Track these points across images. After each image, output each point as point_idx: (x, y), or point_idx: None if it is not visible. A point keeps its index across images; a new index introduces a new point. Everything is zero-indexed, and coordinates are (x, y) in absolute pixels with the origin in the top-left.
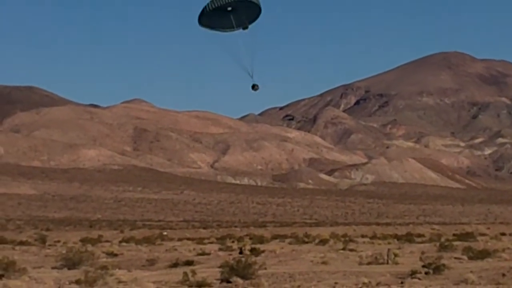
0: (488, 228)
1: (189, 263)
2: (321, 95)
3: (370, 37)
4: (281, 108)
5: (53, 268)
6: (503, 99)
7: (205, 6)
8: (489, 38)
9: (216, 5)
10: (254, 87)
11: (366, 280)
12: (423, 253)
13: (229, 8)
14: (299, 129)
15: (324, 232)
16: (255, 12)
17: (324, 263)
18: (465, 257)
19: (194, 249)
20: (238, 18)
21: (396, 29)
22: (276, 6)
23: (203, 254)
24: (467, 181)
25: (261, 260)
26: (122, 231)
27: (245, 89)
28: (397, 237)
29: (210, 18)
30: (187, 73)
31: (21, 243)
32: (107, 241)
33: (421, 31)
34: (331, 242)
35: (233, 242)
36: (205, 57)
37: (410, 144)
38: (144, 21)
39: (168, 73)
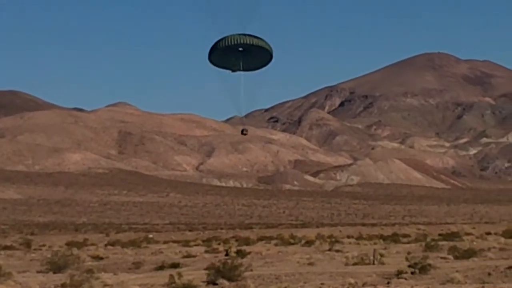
0: (474, 228)
1: (175, 265)
2: (305, 97)
3: (354, 38)
4: (266, 110)
5: (38, 272)
6: (487, 99)
7: (217, 43)
8: (473, 39)
9: (228, 44)
10: (243, 131)
11: (352, 281)
12: (409, 253)
13: (240, 49)
14: (284, 131)
15: (310, 233)
16: (265, 59)
17: (310, 264)
18: (451, 257)
19: (180, 251)
20: (247, 61)
21: (380, 30)
22: (261, 7)
23: (189, 256)
24: (452, 181)
25: (247, 262)
26: (107, 235)
27: (230, 91)
28: (383, 237)
29: (220, 56)
30: (172, 76)
31: (6, 247)
32: (92, 244)
33: (405, 32)
34: (317, 243)
35: (219, 244)
36: (189, 59)
37: (395, 145)
38: (128, 24)
39: (152, 76)
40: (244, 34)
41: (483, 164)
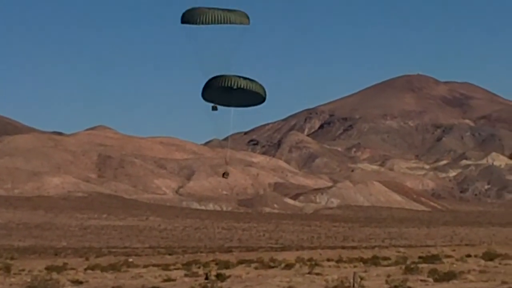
0: (454, 250)
1: None
2: (285, 119)
3: (333, 61)
4: (245, 133)
5: None
6: (467, 121)
7: (213, 81)
8: (452, 61)
9: (225, 84)
10: (224, 175)
11: None
12: (389, 276)
13: (235, 87)
14: (263, 153)
15: (290, 256)
16: (257, 100)
17: (290, 287)
18: (430, 280)
19: (160, 275)
20: (239, 99)
21: (359, 53)
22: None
23: (169, 280)
24: (432, 203)
25: (227, 285)
26: (87, 259)
27: (209, 114)
28: (363, 260)
29: (213, 93)
30: (151, 99)
31: None
32: (72, 268)
33: (384, 54)
34: (297, 266)
35: (199, 267)
36: (169, 83)
37: (375, 167)
38: (107, 47)
39: (131, 99)
40: (239, 77)
41: (463, 186)
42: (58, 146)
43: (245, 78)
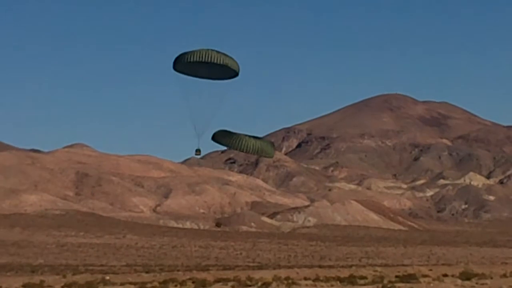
0: (430, 270)
1: None
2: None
3: (311, 79)
4: (222, 152)
5: None
6: (444, 140)
7: (183, 56)
8: (430, 80)
9: (196, 59)
10: (197, 151)
11: None
12: None
13: (208, 61)
14: (241, 172)
15: (267, 275)
16: (228, 73)
17: None
18: None
19: None
20: (211, 71)
21: (336, 72)
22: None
23: None
24: (409, 222)
25: None
26: (64, 276)
27: (187, 132)
28: (339, 279)
29: (185, 65)
30: (129, 117)
31: None
32: (49, 286)
33: (361, 74)
34: (274, 285)
35: (175, 286)
36: (146, 101)
37: (352, 186)
38: (85, 64)
39: (109, 117)
40: (212, 50)
41: (440, 205)
42: (35, 164)
43: (218, 52)
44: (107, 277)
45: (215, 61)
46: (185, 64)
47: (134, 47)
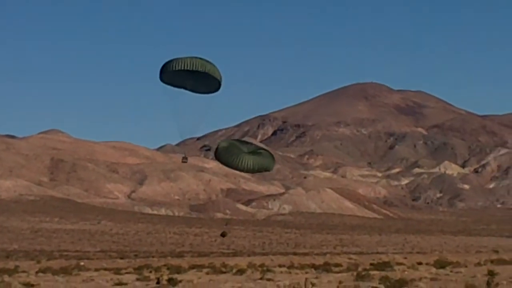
0: (405, 258)
1: None
2: (238, 125)
3: (287, 67)
4: (198, 139)
5: None
6: (420, 129)
7: (169, 65)
8: (405, 69)
9: (181, 67)
10: (184, 159)
11: None
12: (340, 282)
13: (195, 69)
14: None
15: (242, 262)
16: (214, 85)
17: None
18: (382, 287)
19: (111, 279)
20: (197, 83)
21: (313, 60)
22: (192, 37)
23: (120, 284)
24: (384, 211)
25: None
26: (39, 262)
27: (163, 119)
28: (314, 266)
29: (172, 76)
30: (104, 103)
31: None
32: (23, 271)
33: (337, 62)
34: (249, 271)
35: (150, 272)
36: (122, 88)
37: (327, 174)
38: (61, 51)
39: (85, 103)
40: (197, 58)
41: (415, 194)
42: (10, 149)
43: (204, 61)
44: (82, 263)
45: (199, 69)
46: (170, 74)
47: (110, 33)
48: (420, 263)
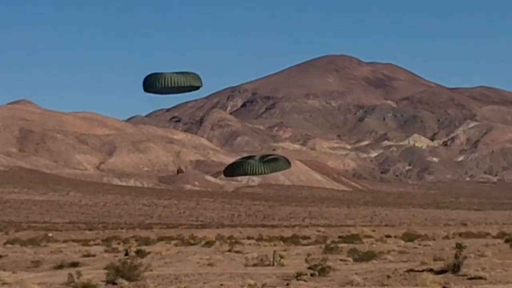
0: (374, 230)
1: (74, 264)
2: (207, 97)
3: (256, 39)
4: (167, 110)
5: None
6: (389, 102)
7: (151, 82)
8: (375, 41)
9: (166, 85)
10: (178, 171)
11: (252, 282)
12: (308, 255)
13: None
14: (185, 131)
15: (210, 234)
16: (196, 88)
17: (210, 264)
18: (350, 259)
19: (79, 250)
20: (180, 90)
21: (282, 32)
22: (163, 8)
23: (88, 255)
24: (353, 183)
25: (147, 262)
26: (7, 233)
27: (132, 91)
28: (283, 239)
29: (155, 91)
30: (73, 74)
31: None
32: None
33: (307, 34)
34: (217, 244)
35: (119, 243)
36: (92, 58)
37: (297, 146)
38: (30, 21)
39: (54, 74)
40: (180, 73)
41: (384, 167)
42: None
43: (183, 74)
44: (50, 234)
45: (183, 85)
46: (153, 89)
47: (80, 1)
48: (388, 236)
